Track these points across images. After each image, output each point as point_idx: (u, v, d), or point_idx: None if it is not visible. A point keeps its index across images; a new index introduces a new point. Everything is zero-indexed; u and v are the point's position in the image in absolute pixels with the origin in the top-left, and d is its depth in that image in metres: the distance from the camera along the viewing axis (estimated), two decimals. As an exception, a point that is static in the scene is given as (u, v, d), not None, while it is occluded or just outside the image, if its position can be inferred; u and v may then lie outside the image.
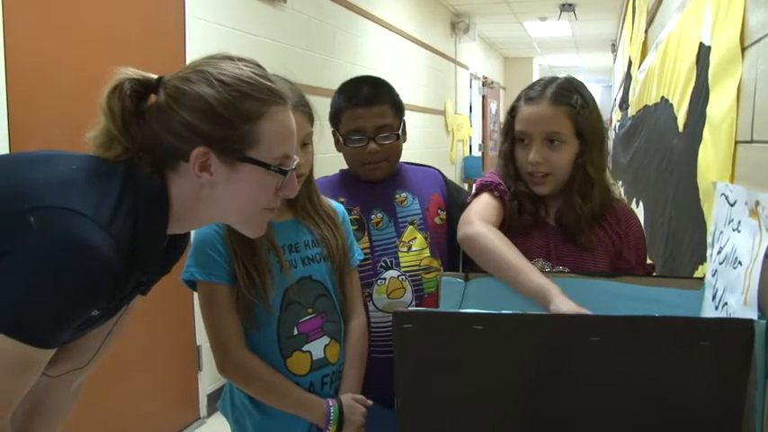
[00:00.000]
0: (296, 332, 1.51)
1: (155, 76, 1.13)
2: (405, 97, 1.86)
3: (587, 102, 1.52)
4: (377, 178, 1.78)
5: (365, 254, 1.72)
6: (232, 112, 1.09)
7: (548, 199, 1.58)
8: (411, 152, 6.33)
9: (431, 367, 0.99)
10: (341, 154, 1.80)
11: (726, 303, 1.11)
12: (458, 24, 9.28)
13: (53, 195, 1.00)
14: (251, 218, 1.18)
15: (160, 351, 3.19)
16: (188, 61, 3.82)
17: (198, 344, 3.41)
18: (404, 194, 1.81)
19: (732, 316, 1.06)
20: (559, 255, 1.53)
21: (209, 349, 1.54)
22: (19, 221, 0.97)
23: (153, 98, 1.13)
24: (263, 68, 1.17)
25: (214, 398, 3.48)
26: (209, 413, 3.48)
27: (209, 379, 3.48)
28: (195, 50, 3.35)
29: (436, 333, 0.99)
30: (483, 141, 11.58)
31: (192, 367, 3.42)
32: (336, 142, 1.79)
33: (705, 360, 0.93)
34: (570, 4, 8.27)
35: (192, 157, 1.08)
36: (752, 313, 0.97)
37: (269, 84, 1.14)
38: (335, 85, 1.81)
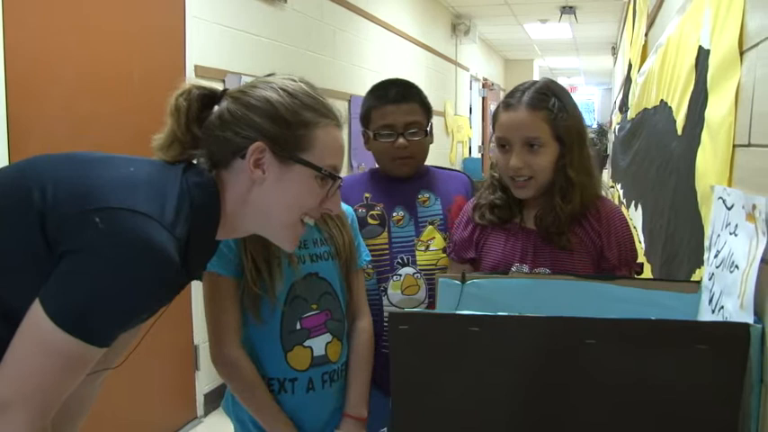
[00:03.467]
0: (299, 327, 1.52)
1: (220, 88, 1.21)
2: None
3: (565, 105, 1.54)
4: (404, 174, 1.83)
5: (383, 250, 1.77)
6: (292, 116, 1.17)
7: (525, 204, 1.60)
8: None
9: (426, 369, 0.99)
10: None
11: (722, 307, 1.11)
12: (458, 26, 9.30)
13: (118, 197, 1.01)
14: (291, 224, 1.22)
15: (157, 350, 3.18)
16: (188, 60, 3.80)
17: (195, 343, 3.41)
18: (427, 195, 1.85)
19: (728, 320, 1.05)
20: (537, 257, 1.55)
21: (206, 349, 1.55)
22: (83, 221, 0.98)
23: (215, 109, 1.19)
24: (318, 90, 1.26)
25: (211, 397, 3.48)
26: (207, 412, 3.48)
27: (206, 378, 3.48)
28: (195, 49, 3.36)
29: (433, 334, 0.99)
30: (483, 143, 11.59)
31: (189, 367, 3.42)
32: (366, 141, 1.85)
33: (701, 363, 0.93)
34: (571, 7, 8.28)
35: (250, 151, 1.15)
36: (748, 317, 0.97)
37: (327, 102, 1.24)
38: (336, 86, 1.85)
